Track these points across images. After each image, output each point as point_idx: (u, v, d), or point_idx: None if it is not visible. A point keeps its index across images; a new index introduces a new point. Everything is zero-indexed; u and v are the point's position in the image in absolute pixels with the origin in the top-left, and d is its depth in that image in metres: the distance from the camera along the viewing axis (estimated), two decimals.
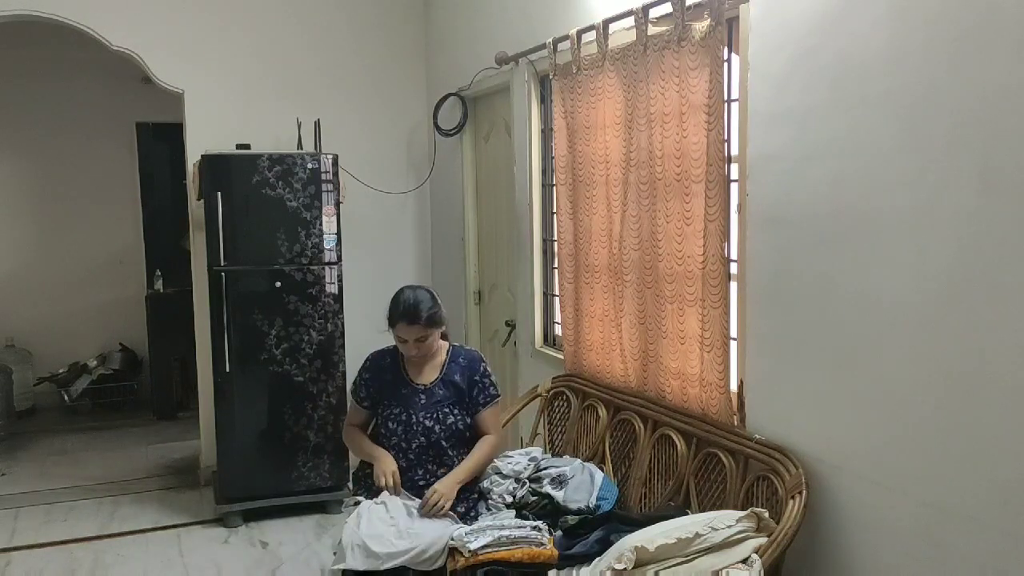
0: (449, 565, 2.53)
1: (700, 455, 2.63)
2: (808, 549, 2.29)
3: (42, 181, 6.63)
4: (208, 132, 4.64)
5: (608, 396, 3.13)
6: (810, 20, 2.22)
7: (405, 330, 2.82)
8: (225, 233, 4.19)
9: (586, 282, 3.27)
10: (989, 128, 1.78)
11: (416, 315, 2.81)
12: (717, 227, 2.52)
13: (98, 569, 3.83)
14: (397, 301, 2.86)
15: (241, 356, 4.25)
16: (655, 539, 2.13)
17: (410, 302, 2.82)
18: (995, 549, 1.82)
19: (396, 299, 2.88)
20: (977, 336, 1.83)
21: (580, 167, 3.25)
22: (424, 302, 2.84)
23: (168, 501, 4.64)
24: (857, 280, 2.13)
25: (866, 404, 2.13)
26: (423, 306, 2.82)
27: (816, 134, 2.22)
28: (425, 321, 2.82)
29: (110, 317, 6.79)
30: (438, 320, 2.87)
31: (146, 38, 4.59)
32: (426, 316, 2.82)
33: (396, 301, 2.87)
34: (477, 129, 4.70)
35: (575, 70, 3.21)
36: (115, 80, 6.28)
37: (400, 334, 2.84)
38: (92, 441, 5.83)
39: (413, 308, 2.81)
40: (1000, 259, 1.77)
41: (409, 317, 2.81)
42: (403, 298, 2.85)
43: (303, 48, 4.96)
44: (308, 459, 4.37)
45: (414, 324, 2.81)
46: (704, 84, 2.50)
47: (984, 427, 1.83)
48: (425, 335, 2.84)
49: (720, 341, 2.55)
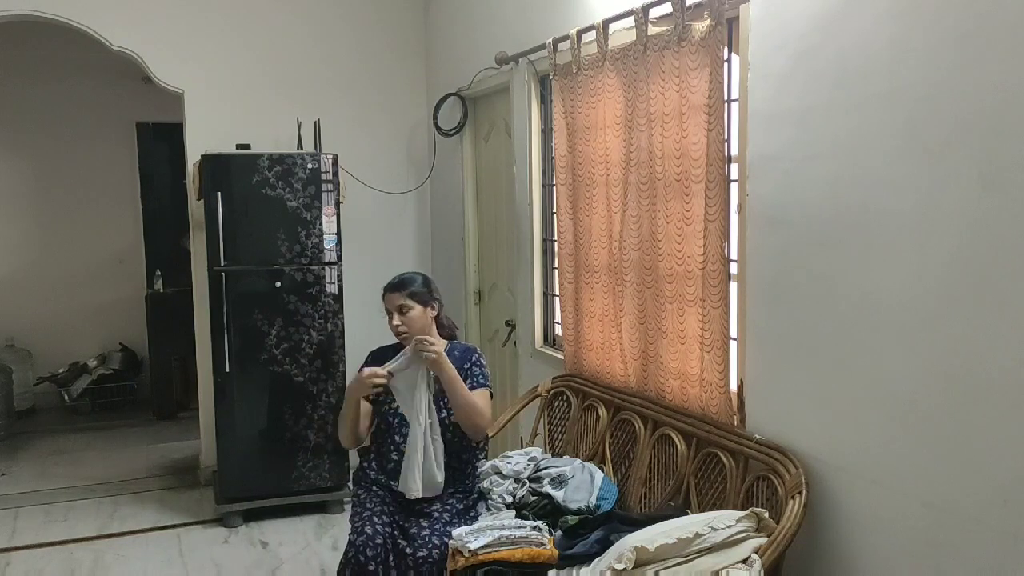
0: (449, 565, 2.53)
1: (700, 455, 2.63)
2: (808, 549, 2.29)
3: (42, 181, 6.63)
4: (208, 132, 4.64)
5: (608, 396, 3.13)
6: (810, 20, 2.22)
7: (388, 299, 2.97)
8: (225, 233, 4.19)
9: (586, 282, 3.27)
10: (989, 128, 1.77)
11: (399, 285, 2.96)
12: (717, 227, 2.51)
13: (98, 569, 3.83)
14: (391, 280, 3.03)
15: (241, 356, 4.25)
16: (655, 539, 2.13)
17: (403, 277, 3.01)
18: (995, 549, 1.82)
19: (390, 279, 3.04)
20: (977, 336, 1.83)
21: (580, 167, 3.25)
22: (412, 278, 3.01)
23: (168, 501, 4.65)
24: (857, 280, 2.13)
25: (866, 404, 2.13)
26: (407, 278, 2.99)
27: (816, 134, 2.22)
28: (408, 293, 2.94)
29: (110, 317, 6.80)
30: (419, 294, 2.96)
31: (146, 38, 4.60)
32: (409, 289, 2.96)
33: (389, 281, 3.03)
34: (477, 129, 4.70)
35: (575, 70, 3.21)
36: (115, 80, 6.29)
37: (385, 304, 2.98)
38: (92, 441, 5.84)
39: (398, 280, 2.99)
40: (1000, 259, 1.77)
41: (396, 287, 2.97)
42: (397, 276, 3.03)
43: (303, 48, 4.96)
44: (308, 459, 4.37)
45: (395, 290, 2.95)
46: (704, 84, 2.50)
47: (984, 427, 1.83)
48: (405, 304, 2.92)
49: (720, 341, 2.55)
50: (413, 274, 3.04)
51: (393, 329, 2.96)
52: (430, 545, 2.63)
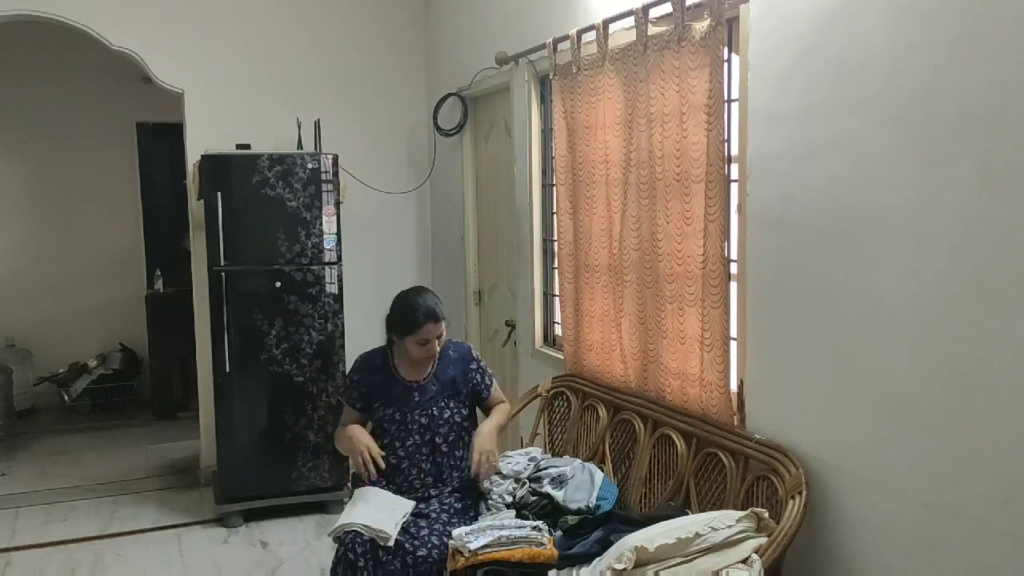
0: (449, 565, 2.53)
1: (700, 455, 2.63)
2: (808, 549, 2.29)
3: (42, 181, 6.63)
4: (208, 132, 4.64)
5: (608, 396, 3.13)
6: (810, 20, 2.22)
7: (433, 329, 2.86)
8: (225, 233, 4.19)
9: (586, 282, 3.27)
10: (989, 127, 1.78)
11: (437, 313, 2.89)
12: (717, 227, 2.51)
13: (98, 569, 3.83)
14: (413, 307, 2.87)
15: (241, 356, 4.25)
16: (655, 539, 2.13)
17: (429, 304, 2.88)
18: (995, 549, 1.82)
19: (410, 306, 2.88)
20: (977, 336, 1.83)
21: (580, 167, 3.25)
22: (435, 300, 2.93)
23: (168, 501, 4.64)
24: (857, 280, 2.13)
25: (866, 404, 2.13)
26: (437, 304, 2.91)
27: (816, 134, 2.22)
28: (444, 320, 2.91)
29: (110, 317, 6.80)
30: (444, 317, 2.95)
31: (146, 38, 4.60)
32: (443, 315, 2.91)
33: (411, 308, 2.87)
34: (477, 129, 4.70)
35: (575, 70, 3.21)
36: (115, 80, 6.29)
37: (427, 335, 2.86)
38: (92, 441, 5.83)
39: (433, 308, 2.89)
40: (1000, 258, 1.77)
41: (434, 316, 2.87)
42: (419, 302, 2.88)
43: (303, 48, 4.96)
44: (308, 459, 4.37)
45: (440, 321, 2.89)
46: (704, 84, 2.50)
47: (984, 427, 1.83)
48: (442, 333, 2.91)
49: (720, 341, 2.55)
50: (427, 295, 2.93)
51: (423, 353, 2.90)
52: (430, 545, 2.63)
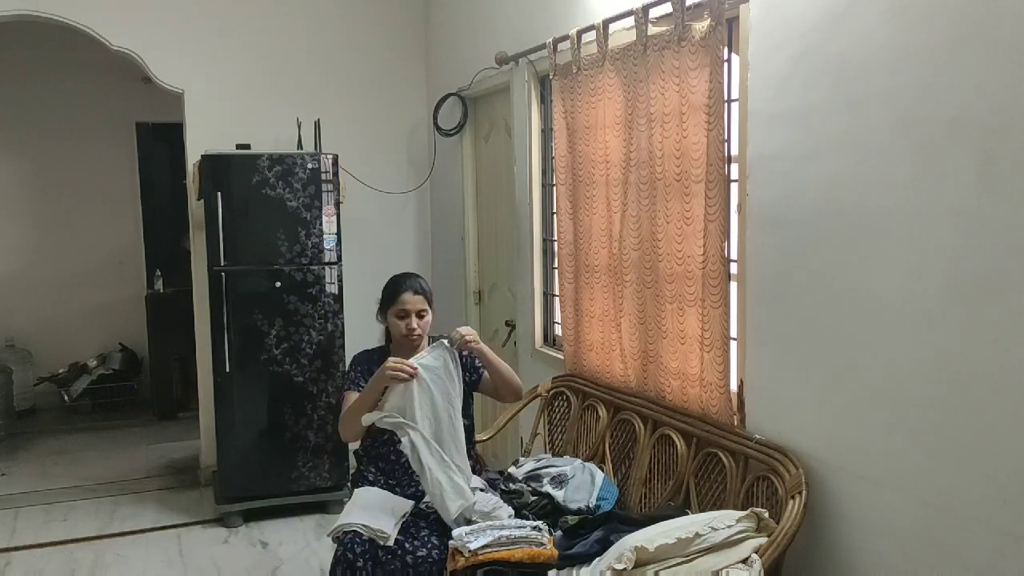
0: (449, 565, 2.53)
1: (700, 455, 2.63)
2: (808, 549, 2.29)
3: (42, 181, 6.63)
4: (208, 132, 4.64)
5: (608, 396, 3.13)
6: (810, 20, 2.22)
7: (410, 299, 2.88)
8: (225, 233, 4.19)
9: (586, 282, 3.27)
10: (989, 128, 1.78)
11: (416, 286, 2.91)
12: (717, 227, 2.51)
13: (98, 569, 3.83)
14: (396, 280, 2.96)
15: (241, 356, 4.25)
16: (655, 539, 2.13)
17: (411, 279, 2.94)
18: (995, 549, 1.82)
19: (393, 280, 2.97)
20: (977, 336, 1.83)
21: (580, 167, 3.25)
22: (425, 282, 2.96)
23: (168, 501, 4.64)
24: (857, 280, 2.13)
25: (866, 404, 2.13)
26: (424, 283, 2.95)
27: (816, 134, 2.22)
28: (428, 299, 2.92)
29: (110, 317, 6.80)
30: (431, 299, 2.96)
31: (146, 38, 4.60)
32: (428, 295, 2.93)
33: (393, 281, 2.96)
34: (477, 129, 4.70)
35: (575, 70, 3.21)
36: (115, 80, 6.29)
37: (404, 306, 2.88)
38: (92, 441, 5.84)
39: (413, 278, 2.94)
40: (1000, 258, 1.77)
41: (413, 288, 2.90)
42: (402, 277, 2.96)
43: (303, 48, 4.96)
44: (308, 459, 4.37)
45: (418, 293, 2.90)
46: (704, 84, 2.50)
47: (984, 427, 1.83)
48: (425, 309, 2.91)
49: (720, 341, 2.55)
50: (421, 277, 3.00)
51: (406, 331, 2.89)
52: (430, 545, 2.63)
